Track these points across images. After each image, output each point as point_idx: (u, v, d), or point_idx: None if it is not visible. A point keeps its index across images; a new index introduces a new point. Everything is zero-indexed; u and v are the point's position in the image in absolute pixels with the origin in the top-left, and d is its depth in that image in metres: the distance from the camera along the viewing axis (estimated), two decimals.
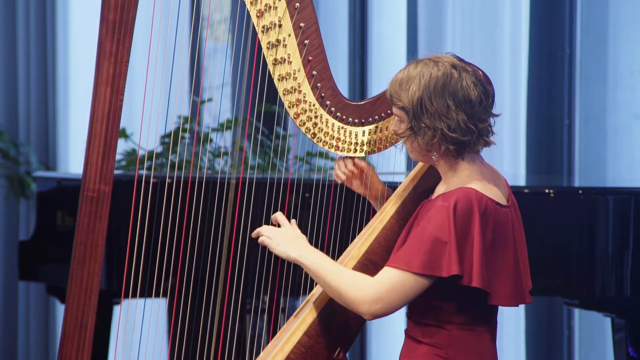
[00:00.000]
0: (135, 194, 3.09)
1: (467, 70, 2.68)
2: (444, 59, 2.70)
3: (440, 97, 2.65)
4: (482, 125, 2.68)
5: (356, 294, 2.65)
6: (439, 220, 2.63)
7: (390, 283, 2.63)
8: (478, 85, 2.68)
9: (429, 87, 2.66)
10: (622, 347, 4.15)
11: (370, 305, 2.64)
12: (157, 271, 3.83)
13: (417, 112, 2.67)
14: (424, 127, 2.67)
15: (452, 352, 2.71)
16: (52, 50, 6.38)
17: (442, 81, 2.66)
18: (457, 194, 2.65)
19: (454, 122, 2.65)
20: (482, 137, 2.70)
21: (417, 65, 2.70)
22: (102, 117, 2.74)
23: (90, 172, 2.74)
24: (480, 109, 2.67)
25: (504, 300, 2.70)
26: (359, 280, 2.67)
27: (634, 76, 5.35)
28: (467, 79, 2.67)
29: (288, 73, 2.89)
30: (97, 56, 2.74)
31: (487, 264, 2.65)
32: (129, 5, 2.73)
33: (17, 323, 6.42)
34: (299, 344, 2.81)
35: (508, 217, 2.71)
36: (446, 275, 2.61)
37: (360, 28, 6.09)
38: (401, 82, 2.70)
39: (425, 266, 2.61)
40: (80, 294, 2.76)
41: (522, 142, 5.59)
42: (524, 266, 2.76)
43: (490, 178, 2.73)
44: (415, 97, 2.67)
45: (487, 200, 2.66)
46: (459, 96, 2.65)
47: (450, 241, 2.61)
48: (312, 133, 2.93)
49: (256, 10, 2.86)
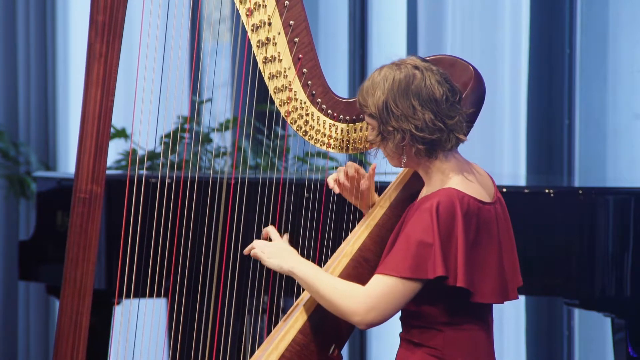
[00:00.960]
0: (135, 194, 3.09)
1: (430, 69, 2.70)
2: (406, 62, 2.72)
3: (404, 99, 2.67)
4: (450, 122, 2.69)
5: (349, 305, 2.67)
6: (422, 223, 2.64)
7: (381, 291, 2.65)
8: (442, 83, 2.69)
9: (392, 89, 2.68)
10: (622, 347, 4.14)
11: (363, 316, 2.66)
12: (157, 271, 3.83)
13: (384, 116, 2.69)
14: (392, 130, 2.69)
15: (448, 353, 2.72)
16: (52, 50, 6.38)
17: (405, 82, 2.68)
18: (439, 195, 2.66)
19: (421, 121, 2.66)
20: (453, 134, 2.70)
21: (381, 71, 2.72)
22: (93, 118, 2.75)
23: (82, 174, 2.75)
24: (447, 106, 2.69)
25: (489, 297, 2.70)
26: (351, 291, 2.69)
27: (634, 76, 5.35)
28: (430, 78, 2.68)
29: (278, 71, 2.89)
30: (87, 57, 2.74)
31: (472, 263, 2.66)
32: (118, 6, 2.73)
33: (17, 323, 6.42)
34: (293, 342, 2.81)
35: (492, 214, 2.71)
36: (432, 277, 2.63)
37: (360, 28, 6.08)
38: (367, 89, 2.72)
39: (412, 270, 2.63)
40: (74, 295, 2.76)
41: (522, 142, 5.58)
42: (510, 262, 2.76)
43: (471, 175, 2.74)
44: (381, 102, 2.69)
45: (469, 199, 2.67)
46: (423, 95, 2.67)
47: (434, 243, 2.62)
48: (303, 131, 2.94)
49: (245, 8, 2.86)
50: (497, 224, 2.73)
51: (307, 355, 2.81)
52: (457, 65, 2.90)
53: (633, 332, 4.12)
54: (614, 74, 5.38)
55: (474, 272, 2.67)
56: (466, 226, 2.64)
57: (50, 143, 6.43)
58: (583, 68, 5.45)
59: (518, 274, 2.81)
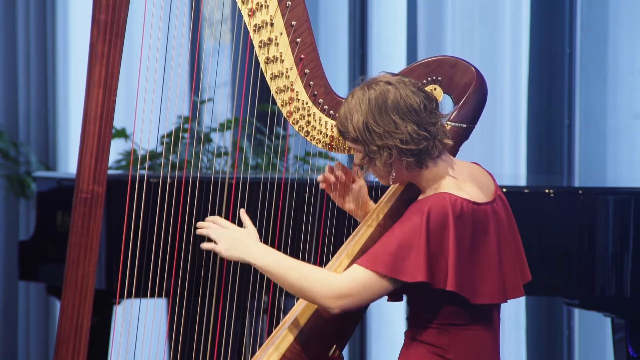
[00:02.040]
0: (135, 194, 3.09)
1: (403, 81, 2.70)
2: (377, 79, 2.72)
3: (384, 115, 2.67)
4: (433, 129, 2.69)
5: (321, 290, 2.67)
6: (411, 225, 2.64)
7: (355, 280, 2.65)
8: (417, 93, 2.69)
9: (370, 109, 2.67)
10: (622, 347, 4.15)
11: (336, 300, 2.66)
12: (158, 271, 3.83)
13: (366, 138, 2.69)
14: (376, 149, 2.69)
15: (453, 352, 2.72)
16: (52, 50, 6.38)
17: (382, 99, 2.67)
18: (431, 200, 2.66)
19: (405, 134, 2.66)
20: (438, 140, 2.70)
21: (354, 95, 2.72)
22: (95, 118, 2.74)
23: (84, 174, 2.74)
24: (427, 114, 2.69)
25: (489, 298, 2.71)
26: (322, 276, 2.69)
27: (634, 76, 5.35)
28: (403, 89, 2.68)
29: (280, 71, 2.89)
30: (89, 57, 2.73)
31: (468, 267, 2.66)
32: (120, 6, 2.72)
33: (17, 323, 6.42)
34: (294, 342, 2.82)
35: (488, 214, 2.71)
36: (410, 280, 2.63)
37: (360, 28, 6.08)
38: (345, 115, 2.72)
39: (388, 268, 2.63)
40: (75, 296, 2.76)
41: (522, 142, 5.59)
42: (512, 260, 2.76)
43: (466, 176, 2.74)
44: (361, 124, 2.68)
45: (462, 202, 2.67)
46: (401, 108, 2.67)
47: (419, 247, 2.62)
48: (305, 131, 2.94)
49: (247, 9, 2.86)
50: (497, 222, 2.73)
51: (308, 356, 2.82)
52: (458, 66, 2.90)
53: (633, 332, 4.12)
54: (614, 74, 5.38)
55: (470, 275, 2.67)
56: (459, 230, 2.64)
57: (50, 143, 6.43)
58: (583, 68, 5.45)
59: (526, 269, 2.81)
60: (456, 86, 2.91)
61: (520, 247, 2.81)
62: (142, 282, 3.73)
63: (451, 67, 2.90)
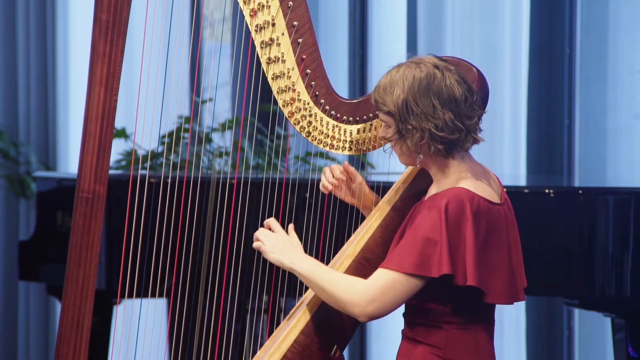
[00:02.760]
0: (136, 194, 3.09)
1: (449, 69, 2.70)
2: (425, 60, 2.71)
3: (425, 98, 2.67)
4: (469, 123, 2.69)
5: (350, 297, 2.67)
6: (430, 220, 2.64)
7: (383, 284, 2.65)
8: (462, 84, 2.69)
9: (413, 88, 2.67)
10: (622, 347, 4.15)
11: (364, 307, 2.65)
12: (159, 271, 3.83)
13: (403, 115, 2.68)
14: (411, 128, 2.68)
15: (450, 352, 2.72)
16: (52, 50, 6.38)
17: (426, 81, 2.67)
18: (449, 194, 2.66)
19: (441, 121, 2.66)
20: (471, 134, 2.70)
21: (400, 69, 2.71)
22: (97, 117, 2.74)
23: (85, 173, 2.74)
24: (466, 107, 2.68)
25: (499, 298, 2.71)
26: (353, 283, 2.69)
27: (634, 76, 5.35)
28: (450, 77, 2.68)
29: (282, 72, 2.89)
30: (90, 57, 2.74)
31: (482, 263, 2.66)
32: (122, 5, 2.72)
33: (17, 323, 6.42)
34: (295, 342, 2.82)
35: (501, 215, 2.72)
36: (437, 275, 2.63)
37: (360, 28, 6.09)
38: (385, 87, 2.71)
39: (417, 266, 2.63)
40: (76, 295, 2.76)
41: (522, 142, 5.59)
42: (517, 264, 2.76)
43: (482, 176, 2.74)
44: (400, 100, 2.68)
45: (479, 199, 2.67)
46: (443, 95, 2.67)
47: (441, 241, 2.62)
48: (306, 132, 2.94)
49: (249, 9, 2.86)
50: (506, 225, 2.73)
51: (309, 356, 2.82)
52: (460, 66, 2.90)
53: (633, 332, 4.12)
54: (614, 74, 5.39)
55: (484, 272, 2.67)
56: (476, 226, 2.64)
57: (50, 143, 6.43)
58: (583, 68, 5.45)
59: (523, 275, 2.81)
60: None
61: (521, 252, 2.81)
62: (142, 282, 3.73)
63: None
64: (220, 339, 3.32)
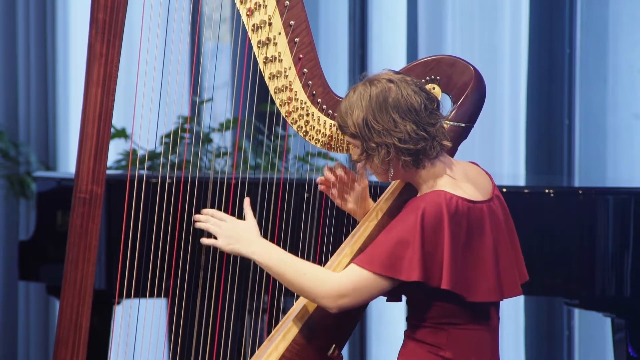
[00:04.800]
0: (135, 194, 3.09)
1: (405, 80, 2.70)
2: (379, 77, 2.72)
3: (384, 113, 2.68)
4: (432, 129, 2.70)
5: (319, 289, 2.68)
6: (405, 223, 2.65)
7: (354, 280, 2.67)
8: (419, 93, 2.69)
9: (370, 106, 2.68)
10: (622, 347, 4.15)
11: (335, 300, 2.68)
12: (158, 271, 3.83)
13: (365, 134, 2.69)
14: (375, 146, 2.69)
15: (451, 352, 2.72)
16: (52, 50, 6.38)
17: (382, 97, 2.68)
18: (426, 199, 2.67)
19: (404, 133, 2.67)
20: (436, 141, 2.71)
21: (356, 90, 2.72)
22: (94, 118, 2.74)
23: (82, 174, 2.74)
24: (427, 114, 2.69)
25: (484, 296, 2.71)
26: (322, 275, 2.70)
27: (634, 76, 5.35)
28: (406, 88, 2.68)
29: (279, 71, 2.90)
30: (87, 57, 2.74)
31: (462, 265, 2.66)
32: (119, 6, 2.72)
33: (17, 323, 6.42)
34: (293, 342, 2.82)
35: (484, 212, 2.71)
36: (406, 279, 2.64)
37: (360, 28, 6.09)
38: (345, 110, 2.72)
39: (385, 267, 2.64)
40: (74, 296, 2.76)
41: (522, 142, 5.59)
42: (508, 258, 2.76)
43: (462, 175, 2.74)
44: (360, 120, 2.69)
45: (457, 200, 2.67)
46: (402, 107, 2.67)
47: (414, 245, 2.63)
48: (304, 131, 2.94)
49: (246, 9, 2.87)
50: (493, 221, 2.73)
51: (308, 356, 2.82)
52: (457, 65, 2.90)
53: (633, 332, 4.12)
54: (614, 74, 5.38)
55: (465, 273, 2.67)
56: (454, 228, 2.65)
57: (50, 143, 6.43)
58: (583, 68, 5.45)
59: (523, 268, 2.81)
60: (455, 85, 2.91)
61: (518, 247, 2.81)
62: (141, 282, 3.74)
63: (450, 66, 2.91)
64: (220, 339, 3.32)
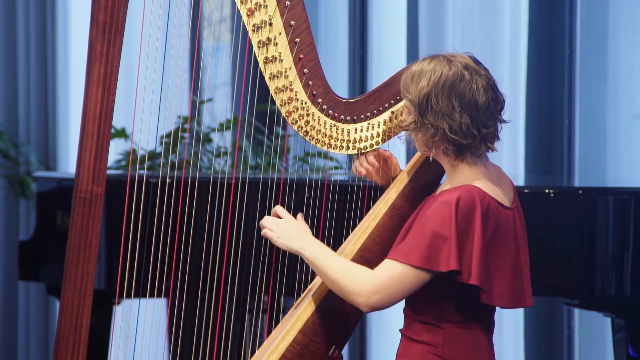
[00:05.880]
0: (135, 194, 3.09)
1: (479, 73, 2.68)
2: (458, 59, 2.70)
3: (446, 97, 2.65)
4: (485, 131, 2.68)
5: (355, 286, 2.66)
6: (440, 215, 2.63)
7: (389, 275, 2.64)
8: (488, 91, 2.67)
9: (437, 84, 2.66)
10: (622, 347, 4.15)
11: (368, 297, 2.65)
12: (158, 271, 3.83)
13: (422, 108, 2.68)
14: (427, 123, 2.68)
15: (448, 351, 2.72)
16: (52, 50, 6.38)
17: (452, 81, 2.66)
18: (460, 190, 2.66)
19: (457, 123, 2.65)
20: (485, 143, 2.69)
21: (432, 61, 2.70)
22: (94, 118, 2.74)
23: (83, 174, 2.74)
24: (486, 115, 2.67)
25: (497, 300, 2.70)
26: (359, 272, 2.68)
27: (634, 76, 5.35)
28: (477, 82, 2.66)
29: (279, 71, 2.90)
30: (87, 57, 2.74)
31: (486, 263, 2.65)
32: (119, 6, 2.72)
33: (17, 323, 6.42)
34: (294, 342, 2.82)
35: (510, 219, 2.71)
36: (444, 270, 2.62)
37: (360, 28, 6.09)
38: (413, 75, 2.70)
39: (424, 260, 2.62)
40: (74, 295, 2.76)
41: (521, 142, 5.58)
42: (523, 271, 2.75)
43: (495, 179, 2.74)
44: (423, 93, 2.67)
45: (490, 200, 2.66)
46: (465, 98, 2.65)
47: (450, 237, 2.61)
48: (304, 131, 2.94)
49: (246, 9, 2.87)
50: (515, 230, 2.73)
51: (308, 356, 2.82)
52: None
53: (633, 332, 4.12)
54: (614, 74, 5.38)
55: (487, 272, 2.66)
56: (484, 225, 2.64)
57: (50, 143, 6.43)
58: (583, 68, 5.45)
59: (529, 281, 2.80)
60: None
61: (528, 259, 2.80)
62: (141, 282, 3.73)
63: None
64: (220, 339, 3.32)
